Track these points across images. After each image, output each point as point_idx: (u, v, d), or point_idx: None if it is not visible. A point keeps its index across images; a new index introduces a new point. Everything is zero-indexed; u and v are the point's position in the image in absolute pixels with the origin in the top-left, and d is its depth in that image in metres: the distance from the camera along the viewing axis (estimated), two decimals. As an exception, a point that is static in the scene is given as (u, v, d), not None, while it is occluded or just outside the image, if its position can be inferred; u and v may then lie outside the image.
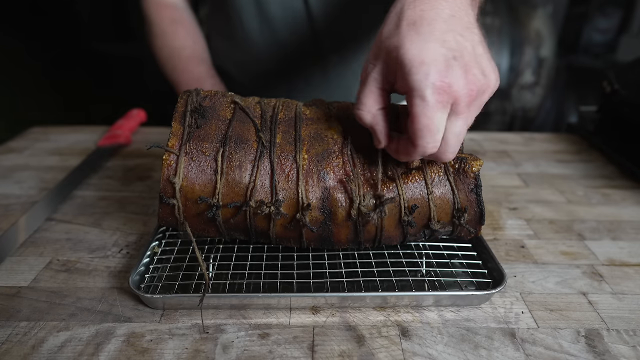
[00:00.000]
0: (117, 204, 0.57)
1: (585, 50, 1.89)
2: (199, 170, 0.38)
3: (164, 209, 0.39)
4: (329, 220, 0.39)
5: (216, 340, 0.36)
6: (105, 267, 0.44)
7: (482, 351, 0.35)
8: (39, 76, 1.90)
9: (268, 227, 0.40)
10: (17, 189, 0.60)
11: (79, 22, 2.02)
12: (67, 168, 0.66)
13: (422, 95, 0.32)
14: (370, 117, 0.36)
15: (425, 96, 0.32)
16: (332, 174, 0.39)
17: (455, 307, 0.39)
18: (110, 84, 2.01)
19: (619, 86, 0.73)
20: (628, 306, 0.40)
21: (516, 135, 0.83)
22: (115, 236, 0.50)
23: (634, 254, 0.48)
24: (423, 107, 0.32)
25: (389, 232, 0.40)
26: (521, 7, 1.64)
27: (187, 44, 0.74)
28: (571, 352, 0.35)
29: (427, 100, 0.32)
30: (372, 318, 0.38)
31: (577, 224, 0.54)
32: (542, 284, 0.43)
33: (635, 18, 1.80)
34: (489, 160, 0.72)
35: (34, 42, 1.86)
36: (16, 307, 0.39)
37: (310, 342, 0.36)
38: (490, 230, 0.52)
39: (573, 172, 0.68)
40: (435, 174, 0.39)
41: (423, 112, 0.32)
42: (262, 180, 0.38)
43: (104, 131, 0.81)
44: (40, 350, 0.34)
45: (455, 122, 0.34)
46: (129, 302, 0.40)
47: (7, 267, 0.44)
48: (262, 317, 0.38)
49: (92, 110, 1.99)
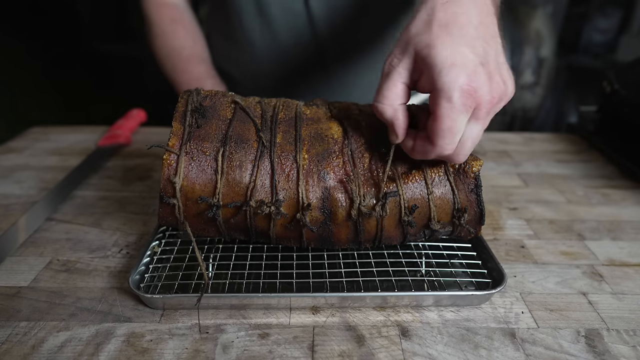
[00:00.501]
0: (117, 204, 0.57)
1: (585, 50, 1.89)
2: (200, 170, 0.38)
3: (164, 208, 0.39)
4: (329, 220, 0.39)
5: (216, 340, 0.36)
6: (105, 267, 0.44)
7: (482, 351, 0.35)
8: (39, 76, 1.90)
9: (268, 227, 0.40)
10: (17, 189, 0.60)
11: (79, 22, 2.02)
12: (67, 168, 0.66)
13: (450, 97, 0.32)
14: (391, 112, 0.36)
15: (453, 98, 0.32)
16: (333, 174, 0.39)
17: (455, 307, 0.39)
18: (110, 84, 2.01)
19: (619, 86, 0.73)
20: (628, 306, 0.40)
21: (516, 135, 0.83)
22: (115, 236, 0.50)
23: (634, 254, 0.48)
24: (449, 108, 0.33)
25: (389, 232, 0.40)
26: (521, 7, 1.64)
27: (187, 43, 0.74)
28: (571, 352, 0.35)
29: (454, 103, 0.32)
30: (372, 318, 0.38)
31: (577, 224, 0.54)
32: (542, 284, 0.43)
33: (635, 18, 1.80)
34: (489, 160, 0.72)
35: (34, 42, 1.86)
36: (16, 307, 0.39)
37: (310, 342, 0.36)
38: (490, 230, 0.52)
39: (573, 172, 0.68)
40: (435, 174, 0.39)
41: (448, 114, 0.33)
42: (263, 180, 0.38)
43: (104, 131, 0.81)
44: (40, 350, 0.34)
45: (474, 126, 0.35)
46: (129, 302, 0.40)
47: (7, 267, 0.44)
48: (262, 317, 0.38)
49: (92, 110, 1.99)
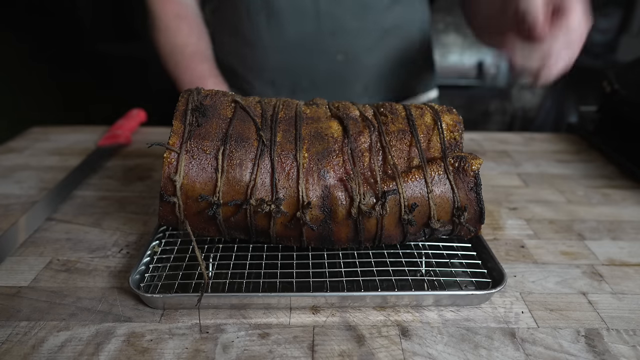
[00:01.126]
0: (117, 204, 0.57)
1: (585, 50, 1.89)
2: (200, 169, 0.38)
3: (165, 207, 0.39)
4: (329, 219, 0.39)
5: (216, 340, 0.36)
6: (105, 267, 0.44)
7: (482, 351, 0.35)
8: (39, 76, 1.90)
9: (268, 226, 0.40)
10: (17, 189, 0.60)
11: (80, 22, 2.03)
12: (67, 168, 0.66)
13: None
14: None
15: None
16: (333, 173, 0.39)
17: (455, 307, 0.39)
18: (110, 84, 2.01)
19: (619, 86, 0.73)
20: (628, 306, 0.40)
21: (516, 135, 0.83)
22: (115, 236, 0.50)
23: (634, 254, 0.48)
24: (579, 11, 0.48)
25: (389, 231, 0.40)
26: (521, 7, 1.64)
27: (191, 40, 0.74)
28: (571, 351, 0.35)
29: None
30: (372, 318, 0.38)
31: (577, 224, 0.54)
32: (542, 284, 0.43)
33: (635, 18, 1.80)
34: (489, 160, 0.72)
35: (35, 43, 1.86)
36: (16, 307, 0.39)
37: (310, 341, 0.36)
38: (490, 230, 0.52)
39: (573, 172, 0.68)
40: (435, 172, 0.39)
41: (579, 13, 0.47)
42: (263, 179, 0.38)
43: (104, 131, 0.81)
44: (41, 350, 0.34)
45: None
46: (129, 301, 0.40)
47: (7, 267, 0.44)
48: (262, 317, 0.38)
49: (92, 110, 1.99)
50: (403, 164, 0.40)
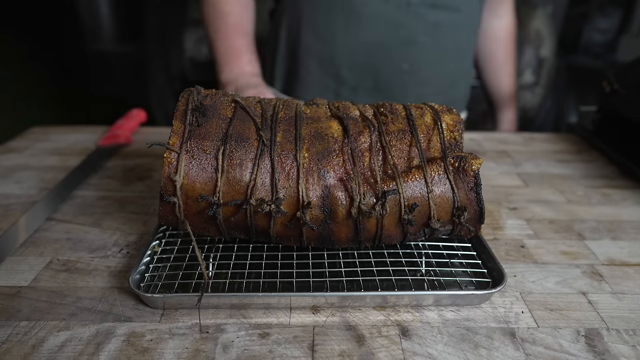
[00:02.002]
0: (117, 204, 0.57)
1: (585, 50, 1.89)
2: (200, 169, 0.38)
3: (165, 207, 0.39)
4: (329, 219, 0.39)
5: (216, 340, 0.36)
6: (106, 267, 0.44)
7: (482, 351, 0.35)
8: (39, 76, 1.90)
9: (268, 226, 0.40)
10: (17, 189, 0.60)
11: (80, 22, 2.02)
12: (67, 168, 0.66)
13: None
14: None
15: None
16: (333, 173, 0.39)
17: (455, 307, 0.39)
18: (110, 84, 2.01)
19: (619, 86, 0.73)
20: (628, 306, 0.40)
21: (516, 135, 0.83)
22: (115, 236, 0.50)
23: (634, 254, 0.48)
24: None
25: (389, 230, 0.40)
26: (521, 7, 1.64)
27: (235, 10, 0.76)
28: (571, 351, 0.35)
29: None
30: (372, 318, 0.38)
31: (577, 224, 0.54)
32: (542, 284, 0.43)
33: (635, 18, 1.80)
34: (489, 160, 0.72)
35: (36, 43, 1.86)
36: (16, 307, 0.39)
37: (311, 341, 0.36)
38: (490, 230, 0.52)
39: (573, 172, 0.68)
40: (435, 172, 0.39)
41: None
42: (263, 179, 0.38)
43: (104, 131, 0.81)
44: (41, 349, 0.34)
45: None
46: (129, 301, 0.40)
47: (7, 267, 0.44)
48: (262, 317, 0.38)
49: (92, 110, 1.99)
50: (403, 163, 0.40)
